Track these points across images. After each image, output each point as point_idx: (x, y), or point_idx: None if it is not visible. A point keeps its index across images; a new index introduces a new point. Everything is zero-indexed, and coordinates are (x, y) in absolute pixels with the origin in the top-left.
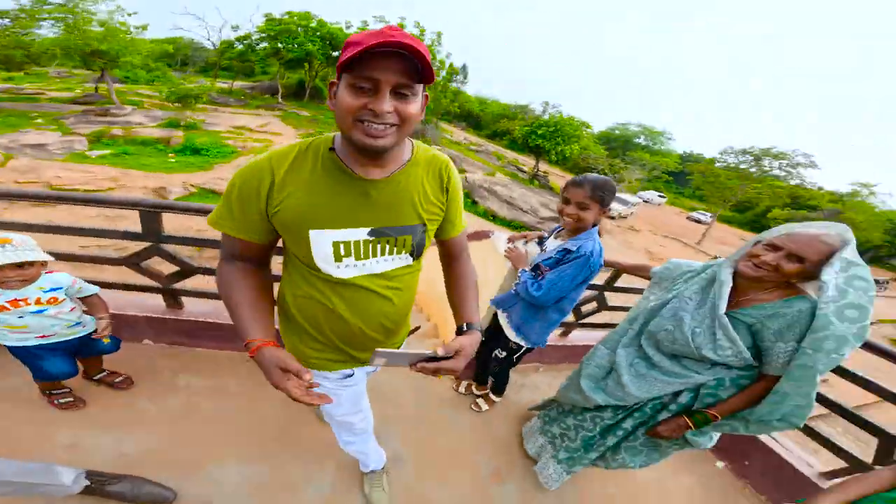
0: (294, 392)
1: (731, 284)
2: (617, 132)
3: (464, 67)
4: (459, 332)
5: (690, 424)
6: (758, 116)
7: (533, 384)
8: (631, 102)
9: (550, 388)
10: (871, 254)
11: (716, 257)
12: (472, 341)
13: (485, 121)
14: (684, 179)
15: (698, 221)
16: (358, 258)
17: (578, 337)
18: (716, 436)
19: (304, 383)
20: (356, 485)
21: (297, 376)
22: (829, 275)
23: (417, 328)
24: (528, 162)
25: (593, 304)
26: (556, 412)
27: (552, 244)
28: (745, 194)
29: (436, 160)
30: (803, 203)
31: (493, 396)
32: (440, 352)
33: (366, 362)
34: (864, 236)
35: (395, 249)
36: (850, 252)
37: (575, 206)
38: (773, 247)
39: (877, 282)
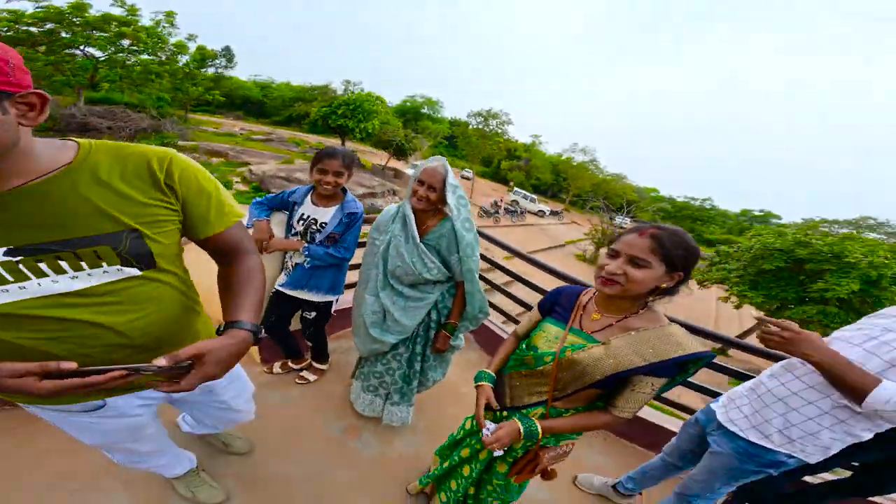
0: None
1: (413, 218)
2: (408, 104)
3: (226, 50)
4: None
5: (448, 334)
6: (497, 82)
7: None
8: (421, 74)
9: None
10: (550, 192)
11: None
12: (222, 344)
13: (272, 107)
14: (454, 143)
15: (467, 179)
16: (3, 283)
17: None
18: (462, 336)
19: None
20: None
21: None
22: (451, 198)
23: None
24: (334, 143)
25: None
26: (366, 368)
27: (319, 212)
28: (487, 151)
29: (131, 157)
30: (513, 154)
31: (317, 365)
32: (162, 362)
33: (114, 391)
34: (540, 175)
35: (89, 264)
36: (451, 178)
37: (333, 174)
38: (420, 182)
39: (554, 212)
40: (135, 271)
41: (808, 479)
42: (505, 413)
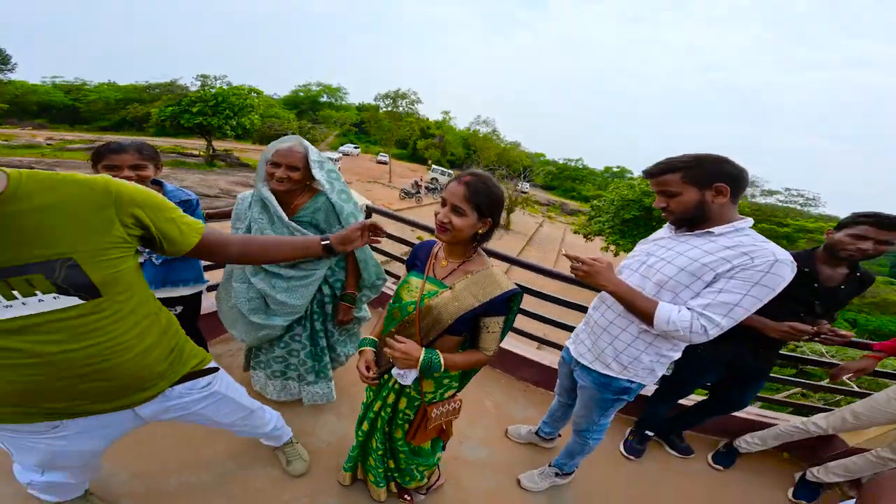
0: None
1: (274, 199)
2: (301, 94)
3: None
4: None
5: (349, 305)
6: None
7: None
8: (316, 63)
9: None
10: (464, 165)
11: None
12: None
13: (90, 112)
14: (365, 129)
15: (382, 163)
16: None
17: None
18: (366, 307)
19: None
20: None
21: None
22: (319, 174)
23: (214, 369)
24: (196, 145)
25: None
26: (263, 356)
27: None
28: (400, 132)
29: (68, 185)
30: (427, 133)
31: None
32: None
33: (79, 413)
34: (454, 150)
35: (22, 292)
36: (314, 154)
37: (130, 169)
38: (275, 164)
39: None
40: (75, 300)
41: (683, 402)
42: (390, 382)
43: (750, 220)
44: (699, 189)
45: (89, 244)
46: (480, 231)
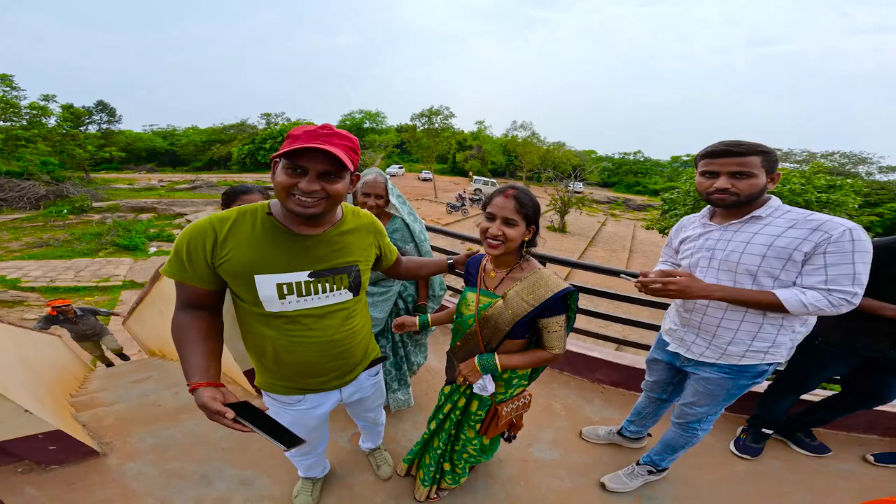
0: (221, 422)
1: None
2: (348, 122)
3: (102, 105)
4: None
5: (419, 315)
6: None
7: None
8: (354, 91)
9: None
10: (506, 172)
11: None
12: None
13: (184, 154)
14: (406, 149)
15: (426, 180)
16: (300, 295)
17: None
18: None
19: (227, 420)
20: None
21: (218, 414)
22: (393, 199)
23: (385, 357)
24: (268, 178)
25: None
26: None
27: None
28: (439, 148)
29: (364, 217)
30: (464, 145)
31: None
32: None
33: (318, 389)
34: (493, 159)
35: (335, 286)
36: (389, 183)
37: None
38: (366, 194)
39: None
40: (350, 295)
41: (806, 397)
42: (461, 388)
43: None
44: (767, 174)
45: (364, 257)
46: (527, 238)
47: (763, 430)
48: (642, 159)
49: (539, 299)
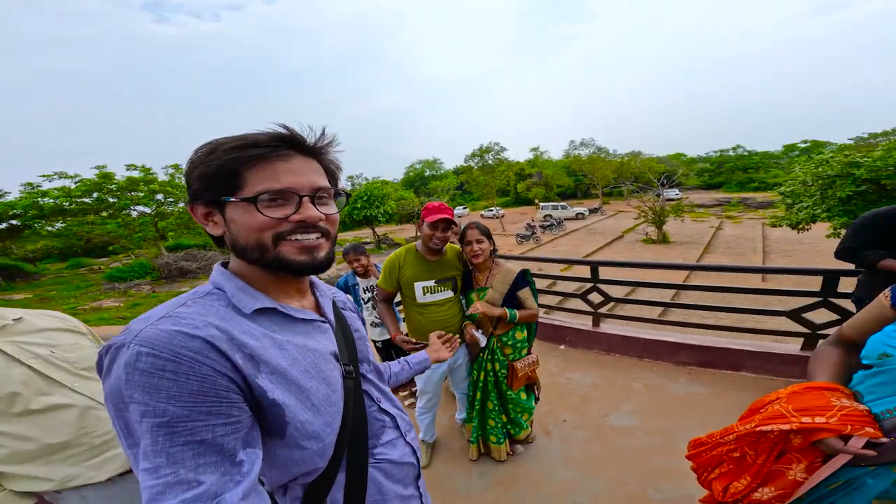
0: (406, 347)
1: None
2: (411, 174)
3: None
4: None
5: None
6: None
7: None
8: (412, 143)
9: None
10: (578, 193)
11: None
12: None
13: None
14: (466, 190)
15: (493, 217)
16: (431, 293)
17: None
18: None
19: (410, 345)
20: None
21: (407, 343)
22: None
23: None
24: (363, 234)
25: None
26: None
27: (365, 283)
28: (497, 184)
29: (450, 251)
30: (523, 175)
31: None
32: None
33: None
34: (558, 182)
35: (444, 288)
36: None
37: (354, 262)
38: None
39: (594, 210)
40: (451, 293)
41: None
42: (485, 357)
43: None
44: None
45: (457, 272)
46: (492, 248)
47: None
48: (746, 153)
49: (509, 281)
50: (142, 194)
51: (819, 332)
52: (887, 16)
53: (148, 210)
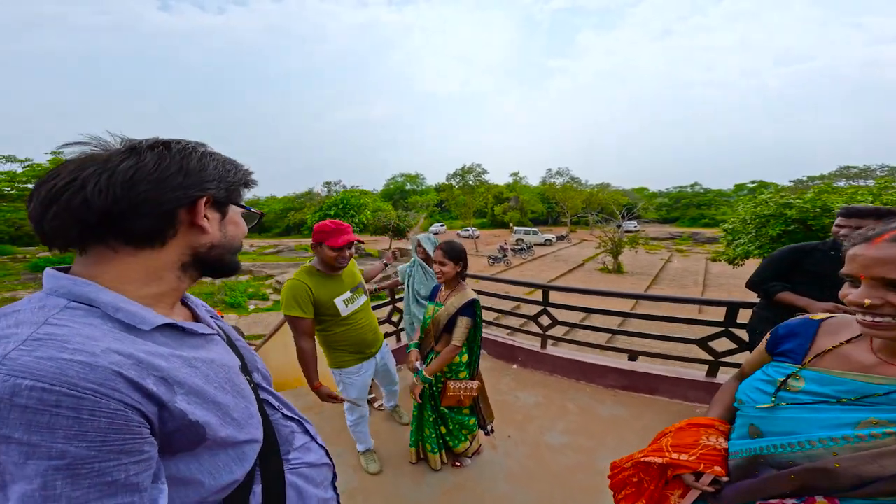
0: (331, 402)
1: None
2: (392, 186)
3: None
4: None
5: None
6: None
7: None
8: (393, 157)
9: None
10: (548, 220)
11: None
12: None
13: (267, 221)
14: (446, 207)
15: (469, 237)
16: (352, 303)
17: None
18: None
19: (336, 400)
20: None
21: (332, 398)
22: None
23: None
24: None
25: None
26: None
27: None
28: (476, 204)
29: (351, 262)
30: (501, 199)
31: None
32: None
33: (369, 356)
34: (533, 208)
35: (359, 294)
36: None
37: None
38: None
39: (561, 237)
40: (366, 297)
41: None
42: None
43: None
44: None
45: (358, 274)
46: (458, 270)
47: None
48: (702, 191)
49: (458, 304)
50: None
51: (719, 360)
52: (838, 69)
53: None
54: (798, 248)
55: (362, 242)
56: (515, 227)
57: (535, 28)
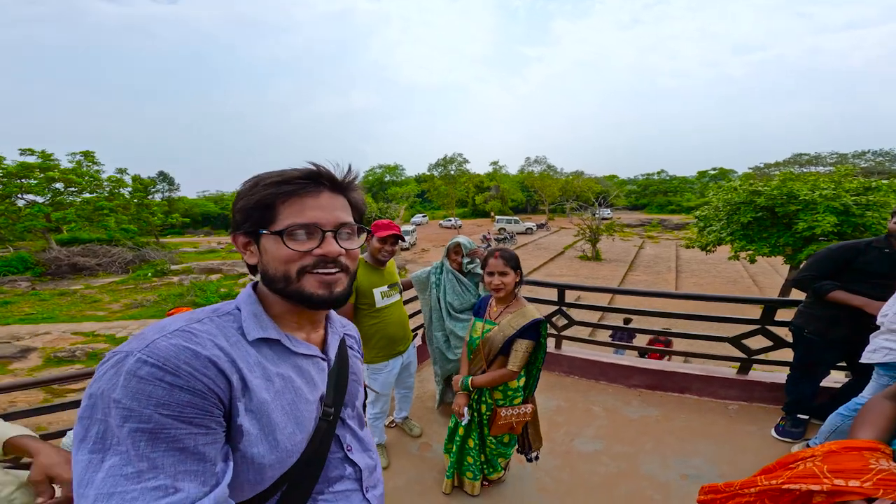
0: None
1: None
2: (370, 178)
3: (163, 175)
4: None
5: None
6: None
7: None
8: (373, 148)
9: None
10: (528, 208)
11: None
12: None
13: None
14: (427, 198)
15: (455, 227)
16: (388, 297)
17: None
18: None
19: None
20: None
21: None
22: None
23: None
24: None
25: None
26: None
27: None
28: (458, 194)
29: (393, 262)
30: (482, 188)
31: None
32: None
33: (396, 353)
34: (513, 197)
35: (395, 292)
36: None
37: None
38: (461, 253)
39: (540, 226)
40: (398, 296)
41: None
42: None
43: None
44: None
45: (398, 279)
46: (517, 281)
47: (799, 415)
48: (668, 178)
49: (519, 325)
50: (34, 182)
51: (754, 357)
52: (787, 58)
53: (40, 199)
54: (850, 245)
55: (404, 240)
56: (497, 217)
57: (512, 15)
